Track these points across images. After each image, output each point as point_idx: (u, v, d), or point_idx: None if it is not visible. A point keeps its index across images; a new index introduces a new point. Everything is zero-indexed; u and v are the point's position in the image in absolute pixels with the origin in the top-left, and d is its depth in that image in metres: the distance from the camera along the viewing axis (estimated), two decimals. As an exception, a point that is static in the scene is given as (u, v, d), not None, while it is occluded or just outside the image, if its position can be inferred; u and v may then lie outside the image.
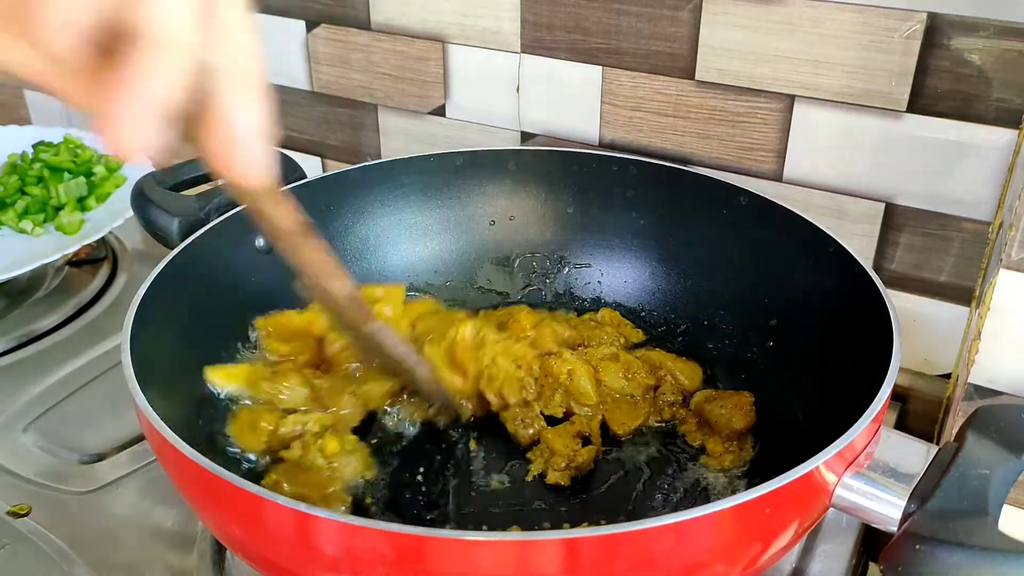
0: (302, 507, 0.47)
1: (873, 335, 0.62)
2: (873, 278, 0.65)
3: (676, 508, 0.64)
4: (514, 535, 0.46)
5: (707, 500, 0.60)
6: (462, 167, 0.88)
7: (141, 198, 0.79)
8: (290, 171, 0.84)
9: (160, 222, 0.77)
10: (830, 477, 0.53)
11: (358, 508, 0.65)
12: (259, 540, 0.52)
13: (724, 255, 0.81)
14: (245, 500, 0.49)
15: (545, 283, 0.89)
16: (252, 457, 0.67)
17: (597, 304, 0.87)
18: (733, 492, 0.67)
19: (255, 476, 0.66)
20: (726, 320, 0.80)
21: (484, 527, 0.64)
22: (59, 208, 1.05)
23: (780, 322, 0.76)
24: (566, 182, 0.88)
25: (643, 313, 0.85)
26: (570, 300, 0.88)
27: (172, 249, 0.72)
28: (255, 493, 0.48)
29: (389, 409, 0.72)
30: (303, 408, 0.68)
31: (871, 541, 0.72)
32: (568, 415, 0.72)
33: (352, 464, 0.66)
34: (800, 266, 0.74)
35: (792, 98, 0.81)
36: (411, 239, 0.88)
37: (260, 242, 0.78)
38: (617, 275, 0.87)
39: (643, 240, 0.86)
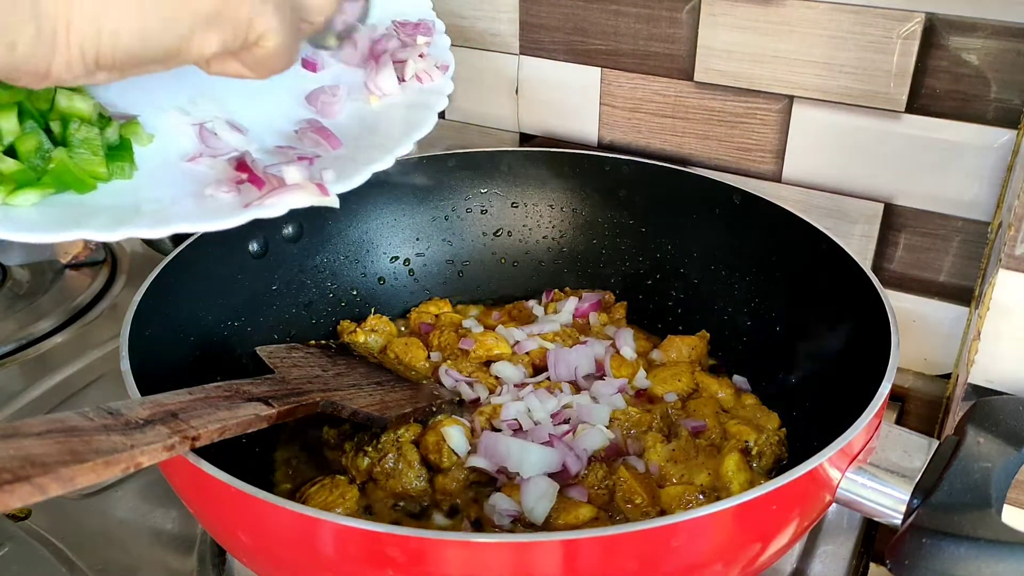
0: (308, 511, 0.47)
1: (870, 328, 0.62)
2: (865, 270, 0.66)
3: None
4: (515, 536, 0.46)
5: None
6: (454, 168, 0.88)
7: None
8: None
9: None
10: (834, 473, 0.53)
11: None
12: (264, 545, 0.52)
13: (719, 255, 0.81)
14: (249, 505, 0.48)
15: (538, 281, 0.89)
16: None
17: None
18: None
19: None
20: (722, 319, 0.80)
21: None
22: None
23: (777, 320, 0.76)
24: (559, 183, 0.88)
25: (640, 314, 0.85)
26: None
27: (164, 253, 0.71)
28: (260, 498, 0.47)
29: None
30: None
31: (871, 541, 0.72)
32: None
33: None
34: (796, 264, 0.74)
35: (791, 99, 0.81)
36: (404, 241, 0.88)
37: (253, 246, 0.78)
38: (611, 275, 0.87)
39: (637, 240, 0.86)
